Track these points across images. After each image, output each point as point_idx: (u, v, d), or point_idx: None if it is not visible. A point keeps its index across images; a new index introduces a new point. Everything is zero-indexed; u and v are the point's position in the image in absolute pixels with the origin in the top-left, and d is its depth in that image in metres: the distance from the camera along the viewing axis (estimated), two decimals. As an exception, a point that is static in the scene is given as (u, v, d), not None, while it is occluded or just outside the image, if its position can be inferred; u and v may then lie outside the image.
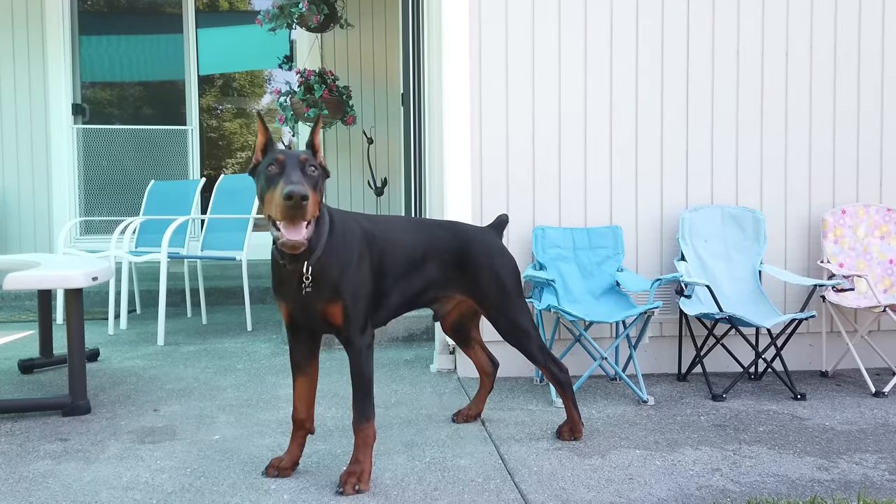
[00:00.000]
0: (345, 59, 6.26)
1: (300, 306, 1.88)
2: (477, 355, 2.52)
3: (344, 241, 1.88)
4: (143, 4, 6.60)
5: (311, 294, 1.84)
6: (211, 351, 3.74)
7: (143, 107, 6.76)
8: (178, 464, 2.11)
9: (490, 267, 2.20)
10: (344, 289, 1.86)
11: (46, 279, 2.49)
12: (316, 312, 1.87)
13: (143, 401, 2.79)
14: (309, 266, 1.81)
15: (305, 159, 1.75)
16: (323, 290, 1.85)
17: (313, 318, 1.89)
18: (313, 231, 1.76)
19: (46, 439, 2.33)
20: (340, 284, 1.85)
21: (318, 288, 1.84)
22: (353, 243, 1.91)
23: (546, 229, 3.16)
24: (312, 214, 1.70)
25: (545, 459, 2.15)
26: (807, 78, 3.33)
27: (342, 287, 1.85)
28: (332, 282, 1.84)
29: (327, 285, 1.84)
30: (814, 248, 3.35)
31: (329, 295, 1.85)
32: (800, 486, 1.96)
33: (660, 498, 1.87)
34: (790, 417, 2.60)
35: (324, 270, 1.84)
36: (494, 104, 3.17)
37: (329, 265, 1.84)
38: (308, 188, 1.67)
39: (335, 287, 1.85)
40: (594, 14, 3.21)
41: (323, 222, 1.84)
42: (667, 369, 3.30)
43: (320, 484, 1.95)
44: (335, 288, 1.85)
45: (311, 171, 1.74)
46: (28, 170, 5.94)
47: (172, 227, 3.98)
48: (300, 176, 1.70)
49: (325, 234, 1.84)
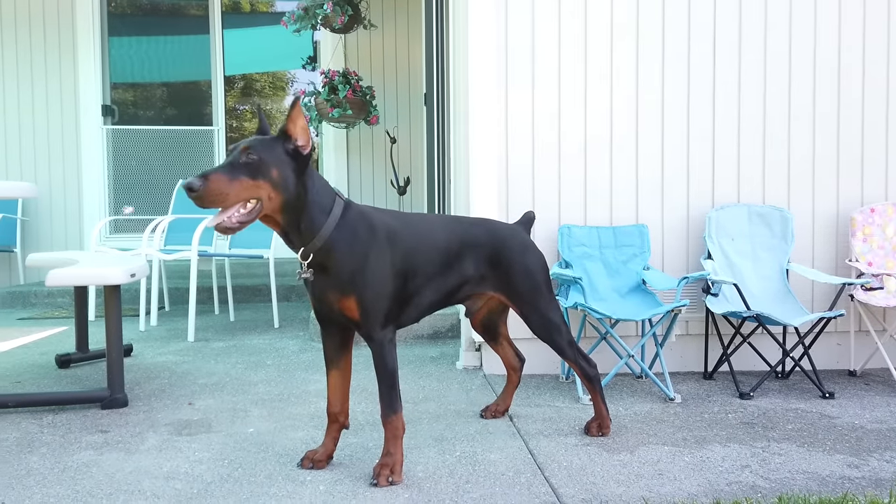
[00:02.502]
0: (368, 59, 6.32)
1: (316, 297, 1.95)
2: (504, 351, 2.56)
3: (356, 235, 1.90)
4: (170, 6, 6.72)
5: (324, 285, 1.90)
6: (240, 347, 3.81)
7: (169, 107, 6.87)
8: (215, 455, 2.17)
9: (523, 264, 2.23)
10: (356, 283, 1.89)
11: (87, 276, 2.57)
12: (332, 304, 1.92)
13: (178, 395, 2.85)
14: (308, 253, 1.86)
15: (245, 148, 1.77)
16: (335, 282, 1.89)
17: (330, 309, 1.94)
18: (296, 219, 1.83)
19: (88, 431, 2.40)
20: (352, 278, 1.89)
21: (330, 279, 1.89)
22: (369, 239, 1.92)
23: (572, 228, 3.18)
24: (221, 202, 1.72)
25: (574, 454, 2.18)
26: (834, 78, 3.31)
27: (354, 281, 1.89)
28: (343, 274, 1.88)
29: (339, 277, 1.89)
30: (842, 247, 3.34)
31: (342, 288, 1.89)
32: (830, 483, 1.96)
33: (690, 493, 1.89)
34: (819, 416, 2.60)
35: (330, 261, 1.88)
36: (520, 103, 3.20)
37: (335, 256, 1.88)
38: (217, 176, 1.70)
39: (346, 280, 1.89)
40: (620, 13, 3.23)
41: (319, 213, 1.86)
42: (693, 367, 3.30)
43: (354, 476, 1.99)
44: (347, 280, 1.89)
45: (250, 158, 1.76)
46: (59, 170, 6.07)
47: (202, 226, 4.05)
48: (223, 165, 1.75)
49: (330, 225, 1.87)
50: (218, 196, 1.71)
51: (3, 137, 6.01)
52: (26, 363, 3.42)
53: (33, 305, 5.36)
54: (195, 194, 1.69)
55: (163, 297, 5.10)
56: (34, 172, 6.02)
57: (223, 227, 1.75)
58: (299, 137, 1.84)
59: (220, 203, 1.72)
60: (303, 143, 1.84)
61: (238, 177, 1.74)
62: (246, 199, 1.76)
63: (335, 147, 6.30)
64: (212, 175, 1.72)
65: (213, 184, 1.70)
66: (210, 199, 1.70)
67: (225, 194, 1.72)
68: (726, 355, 3.02)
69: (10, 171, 6.01)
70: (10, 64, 6.00)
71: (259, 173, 1.77)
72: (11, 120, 6.02)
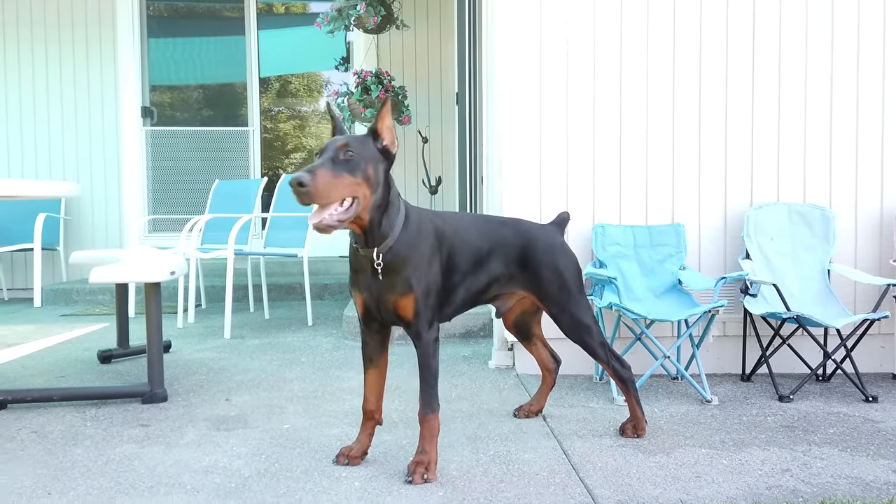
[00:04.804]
0: (400, 59, 6.35)
1: (374, 297, 1.94)
2: (539, 352, 2.54)
3: (419, 236, 1.93)
4: (206, 8, 6.84)
5: (384, 285, 1.90)
6: (275, 344, 3.86)
7: (205, 108, 7.00)
8: (252, 450, 2.20)
9: (552, 264, 2.22)
10: (416, 283, 1.90)
11: (129, 273, 2.63)
12: (388, 304, 1.92)
13: (215, 390, 2.91)
14: (380, 253, 1.86)
15: (343, 145, 1.76)
16: (395, 282, 1.90)
17: (385, 309, 1.94)
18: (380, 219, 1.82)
19: (129, 425, 2.46)
20: (413, 278, 1.90)
21: (391, 279, 1.90)
22: (428, 239, 1.95)
23: (606, 227, 3.15)
24: (326, 198, 1.69)
25: (609, 456, 2.16)
26: (879, 75, 3.22)
27: (414, 281, 1.90)
28: (404, 274, 1.90)
29: (400, 277, 1.90)
30: (885, 247, 3.24)
31: (402, 287, 1.90)
32: (875, 488, 1.91)
33: (728, 496, 1.86)
34: (862, 420, 2.54)
35: (396, 261, 1.89)
36: (554, 102, 3.18)
37: (402, 257, 1.89)
38: (324, 172, 1.68)
39: (407, 280, 1.90)
40: (656, 10, 3.18)
41: (395, 213, 1.88)
42: (730, 369, 3.25)
43: (388, 473, 2.01)
44: (407, 281, 1.90)
45: (348, 155, 1.75)
46: (101, 170, 6.23)
47: (238, 225, 4.12)
48: (325, 161, 1.72)
49: (399, 225, 1.88)
50: (324, 191, 1.68)
51: (46, 138, 6.19)
52: (69, 358, 3.52)
53: (75, 302, 5.51)
54: (304, 189, 1.65)
55: (199, 295, 5.20)
56: (76, 172, 6.19)
57: (323, 224, 1.71)
58: (385, 136, 1.86)
59: (325, 199, 1.69)
60: (389, 142, 1.86)
61: (341, 173, 1.73)
62: (348, 196, 1.75)
63: (368, 147, 6.33)
64: (319, 170, 1.69)
65: (321, 179, 1.68)
66: (318, 195, 1.67)
67: (330, 190, 1.70)
68: (765, 357, 2.96)
69: (53, 171, 6.18)
70: (54, 67, 6.18)
71: (358, 170, 1.76)
72: (55, 121, 6.19)
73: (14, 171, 6.16)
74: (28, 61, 6.16)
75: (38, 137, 6.19)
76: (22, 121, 6.17)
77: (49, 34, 6.17)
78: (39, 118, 6.18)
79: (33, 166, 6.18)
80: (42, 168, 6.19)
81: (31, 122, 6.18)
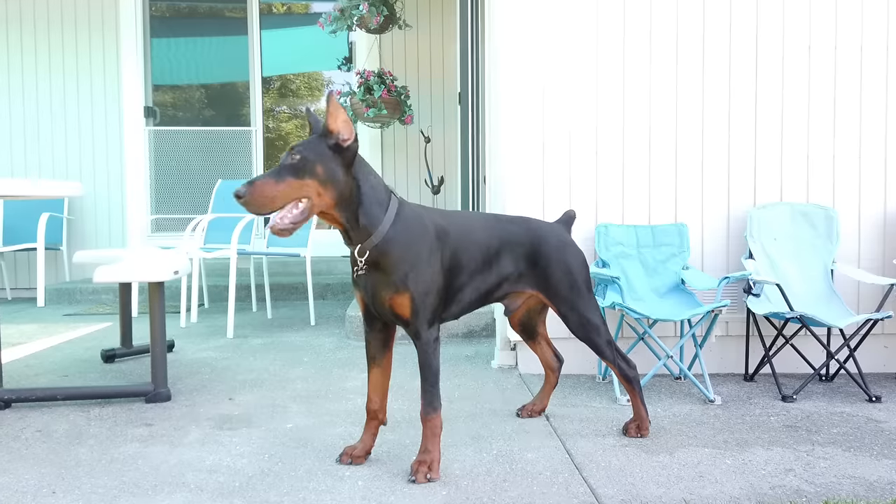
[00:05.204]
0: (402, 59, 6.35)
1: (369, 294, 1.96)
2: (542, 351, 2.55)
3: (411, 234, 1.93)
4: (209, 8, 6.84)
5: (377, 282, 1.92)
6: (278, 344, 3.86)
7: (208, 108, 7.00)
8: (255, 449, 2.21)
9: (562, 262, 2.22)
10: (410, 281, 1.91)
11: (133, 273, 2.63)
12: (383, 302, 1.93)
13: (219, 390, 2.91)
14: (365, 250, 1.88)
15: (289, 150, 1.83)
16: (388, 280, 1.91)
17: (381, 307, 1.95)
18: (354, 214, 1.87)
19: (133, 424, 2.46)
20: (406, 276, 1.90)
21: (384, 276, 1.91)
22: (423, 238, 1.95)
23: (609, 227, 3.15)
24: (268, 205, 1.77)
25: (612, 455, 2.16)
26: (883, 73, 3.21)
27: (408, 279, 1.91)
28: (395, 272, 1.90)
29: (393, 275, 1.90)
30: (889, 247, 3.24)
31: (396, 286, 1.91)
32: (878, 488, 1.91)
33: (732, 496, 1.86)
34: (865, 420, 2.53)
35: (385, 259, 1.90)
36: (557, 101, 3.18)
37: (390, 254, 1.90)
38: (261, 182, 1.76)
39: (400, 278, 1.90)
40: (658, 13, 3.18)
41: (377, 208, 1.89)
42: (732, 369, 3.24)
43: (392, 472, 2.01)
44: (400, 279, 1.90)
45: (294, 158, 1.81)
46: (104, 170, 6.24)
47: (241, 225, 4.13)
48: (271, 170, 1.81)
49: (387, 222, 1.89)
50: (264, 200, 1.77)
51: (49, 138, 6.20)
52: (73, 358, 3.53)
53: (79, 302, 5.52)
54: (243, 200, 1.75)
55: (202, 295, 5.21)
56: (79, 172, 6.20)
57: (277, 228, 1.80)
58: (342, 131, 1.86)
59: (268, 206, 1.78)
60: (346, 136, 1.86)
61: (284, 178, 1.79)
62: (295, 199, 1.80)
63: (370, 147, 6.34)
64: (257, 181, 1.78)
65: (258, 188, 1.77)
66: (258, 204, 1.76)
67: (271, 197, 1.77)
68: (768, 357, 2.96)
69: (56, 170, 6.19)
70: (57, 66, 6.19)
71: (304, 172, 1.81)
72: (58, 122, 6.21)
73: (17, 170, 6.18)
74: (31, 61, 6.17)
75: (41, 137, 6.20)
76: (25, 120, 6.18)
77: (52, 35, 6.18)
78: (42, 118, 6.19)
79: (36, 166, 6.19)
80: (45, 168, 6.20)
81: (34, 121, 6.19)
